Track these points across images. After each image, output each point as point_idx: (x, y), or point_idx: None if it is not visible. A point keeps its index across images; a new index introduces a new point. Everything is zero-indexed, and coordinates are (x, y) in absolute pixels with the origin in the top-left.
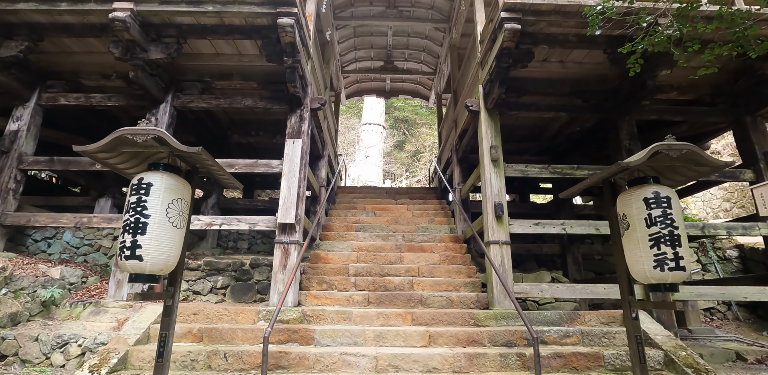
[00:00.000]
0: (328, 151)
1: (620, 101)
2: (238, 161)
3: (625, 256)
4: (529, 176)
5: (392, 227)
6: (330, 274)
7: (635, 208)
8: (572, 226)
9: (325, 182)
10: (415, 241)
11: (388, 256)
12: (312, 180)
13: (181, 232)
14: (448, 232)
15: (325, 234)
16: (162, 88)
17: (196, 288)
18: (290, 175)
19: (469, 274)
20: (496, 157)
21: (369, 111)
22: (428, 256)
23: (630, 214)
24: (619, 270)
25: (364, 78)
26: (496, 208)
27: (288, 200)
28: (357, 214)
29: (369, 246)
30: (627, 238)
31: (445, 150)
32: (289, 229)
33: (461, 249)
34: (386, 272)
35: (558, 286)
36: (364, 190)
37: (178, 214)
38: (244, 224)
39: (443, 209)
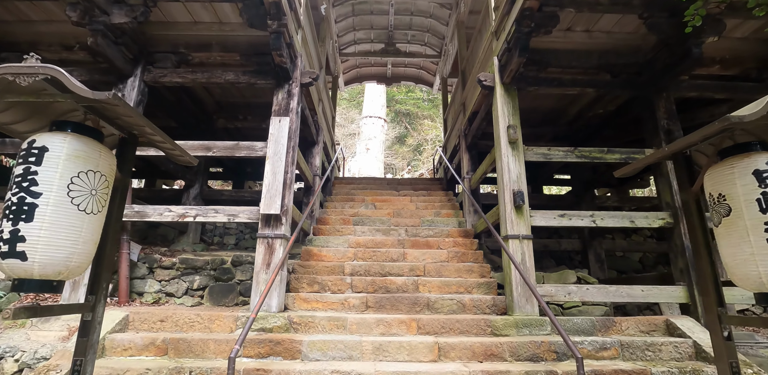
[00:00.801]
0: (324, 138)
1: (656, 75)
2: (216, 143)
3: (722, 253)
4: (552, 161)
5: (394, 220)
6: (323, 273)
7: (740, 186)
8: (603, 219)
9: (319, 171)
10: (420, 236)
11: (390, 252)
12: (304, 167)
13: (95, 219)
14: (456, 225)
15: (319, 228)
16: (129, 60)
17: (170, 289)
18: (275, 159)
19: (482, 273)
20: (514, 138)
21: (370, 103)
22: (435, 253)
23: (732, 194)
24: (702, 272)
25: (364, 62)
26: (515, 196)
27: (272, 187)
28: (355, 207)
29: (368, 241)
30: (726, 229)
31: (451, 137)
32: (274, 221)
33: (472, 245)
34: (387, 271)
35: (588, 288)
36: (363, 181)
37: (88, 193)
38: (223, 216)
39: (450, 201)
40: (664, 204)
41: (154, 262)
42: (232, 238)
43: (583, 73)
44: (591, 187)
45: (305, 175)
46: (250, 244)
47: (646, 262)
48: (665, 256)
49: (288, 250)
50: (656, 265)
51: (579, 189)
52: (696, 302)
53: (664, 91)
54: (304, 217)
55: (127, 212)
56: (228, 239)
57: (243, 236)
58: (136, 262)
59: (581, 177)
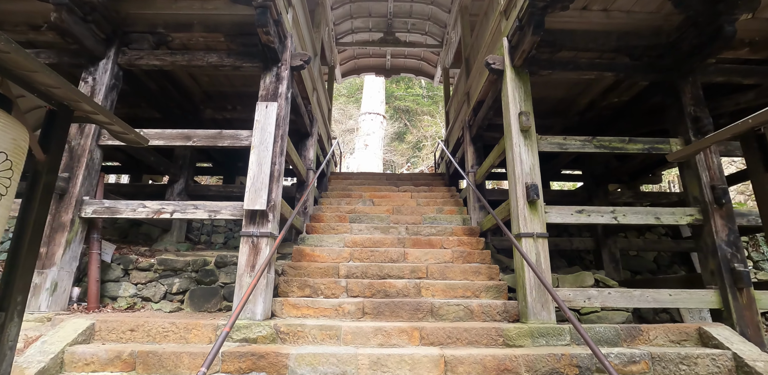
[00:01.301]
0: (319, 130)
1: (681, 58)
2: (197, 132)
3: None
4: (567, 151)
5: (394, 218)
6: (316, 275)
7: None
8: (625, 215)
9: (313, 165)
10: (422, 234)
11: (389, 252)
12: (296, 160)
13: None
14: (460, 223)
15: (312, 226)
16: (101, 41)
17: (147, 293)
18: (261, 148)
19: (491, 275)
20: (527, 125)
21: (368, 100)
22: (438, 253)
23: None
24: None
25: (362, 53)
26: (529, 190)
27: (258, 180)
28: (352, 203)
29: (365, 240)
30: None
31: (454, 130)
32: (260, 218)
33: (478, 244)
34: (386, 273)
35: (610, 292)
36: (360, 176)
37: None
38: (203, 212)
39: (453, 197)
40: (691, 199)
41: (129, 263)
42: (220, 237)
43: (600, 56)
44: (604, 182)
45: (297, 169)
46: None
47: (661, 262)
48: (681, 255)
49: (275, 250)
50: (672, 264)
51: (591, 184)
52: (730, 308)
53: (690, 75)
54: (294, 213)
55: (96, 208)
56: (216, 238)
57: (232, 235)
58: (110, 264)
59: (593, 172)
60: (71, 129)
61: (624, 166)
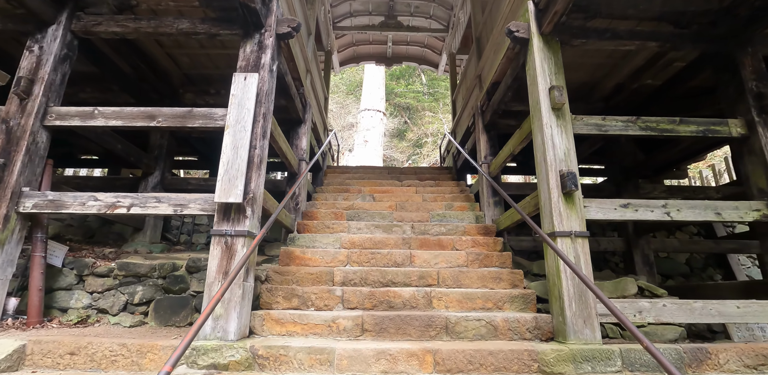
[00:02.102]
0: (314, 118)
1: (739, 25)
2: (163, 110)
3: None
4: (607, 133)
5: (397, 215)
6: (306, 282)
7: None
8: (680, 210)
9: (306, 155)
10: (430, 234)
11: (393, 255)
12: (285, 149)
13: None
14: (473, 220)
15: (304, 224)
16: (50, 3)
17: (103, 304)
18: (238, 128)
19: (514, 281)
20: (560, 102)
21: (368, 96)
22: (450, 255)
23: None
24: None
25: (362, 39)
26: (565, 180)
27: (233, 167)
28: (350, 198)
29: (365, 240)
30: None
31: (462, 119)
32: (236, 214)
33: (495, 244)
34: (390, 280)
35: (665, 304)
36: (360, 170)
37: None
38: (166, 206)
39: (463, 192)
40: (756, 191)
41: (84, 267)
42: (202, 237)
43: (638, 25)
44: (633, 175)
45: (288, 160)
46: None
47: (694, 265)
48: (716, 257)
49: (253, 252)
50: (705, 267)
51: (619, 178)
52: None
53: (749, 45)
54: (279, 207)
55: (38, 201)
56: (198, 238)
57: None
58: (61, 269)
59: (622, 164)
60: (9, 106)
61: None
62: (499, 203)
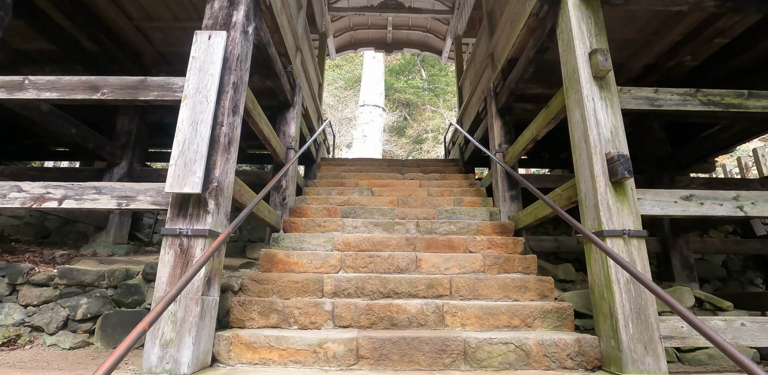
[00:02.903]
0: (305, 103)
1: None
2: (109, 80)
3: None
4: (660, 109)
5: (400, 211)
6: (289, 292)
7: None
8: (755, 203)
9: (295, 143)
10: (438, 233)
11: (395, 258)
12: (269, 134)
13: None
14: (486, 217)
15: (291, 222)
16: None
17: (39, 320)
18: (198, 98)
19: (542, 291)
20: (604, 69)
21: (367, 91)
22: (463, 259)
23: None
24: None
25: (359, 23)
26: (614, 164)
27: (190, 148)
28: (345, 193)
29: (362, 241)
30: None
31: (470, 106)
32: (195, 208)
33: (515, 245)
34: (392, 289)
35: (743, 324)
36: (357, 162)
37: None
38: (108, 199)
39: (472, 186)
40: None
41: (18, 274)
42: None
43: None
44: (666, 166)
45: (272, 147)
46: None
47: (732, 267)
48: (755, 258)
49: (212, 256)
50: (744, 270)
51: (651, 170)
52: None
53: None
54: (256, 200)
55: None
56: None
57: None
58: None
59: (653, 154)
60: None
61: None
62: (515, 198)
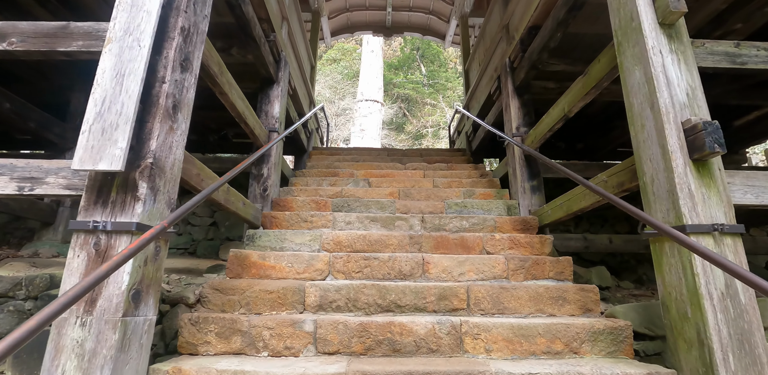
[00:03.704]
0: (293, 82)
1: None
2: (20, 25)
3: None
4: (745, 67)
5: (401, 205)
6: (260, 306)
7: None
8: None
9: (280, 126)
10: (448, 230)
11: (397, 261)
12: (244, 110)
13: None
14: (503, 212)
15: (272, 217)
16: None
17: None
18: (127, 41)
19: (585, 304)
20: (676, 12)
21: (366, 86)
22: (481, 262)
23: None
24: None
25: (356, 4)
26: (697, 135)
27: (111, 107)
28: (338, 184)
29: (356, 239)
30: None
31: (479, 89)
32: (119, 192)
33: (542, 245)
34: (393, 301)
35: None
36: (353, 152)
37: None
38: (6, 181)
39: (484, 176)
40: None
41: None
42: None
43: None
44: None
45: (249, 127)
46: (176, 241)
47: None
48: None
49: (132, 256)
50: None
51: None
52: None
53: None
54: (219, 184)
55: None
56: None
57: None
58: None
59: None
60: None
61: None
62: (537, 189)
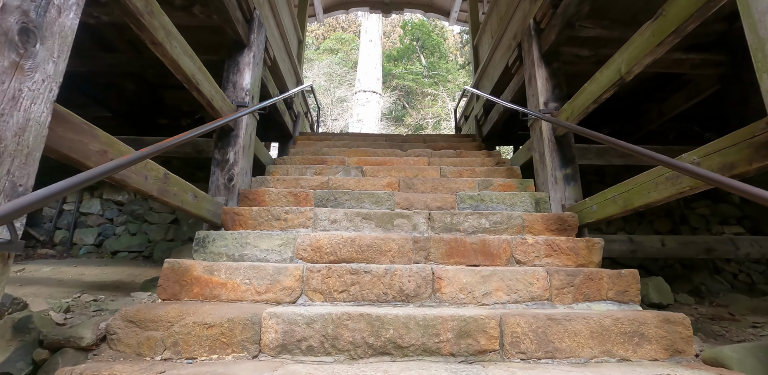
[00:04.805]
0: (271, 50)
1: None
2: None
3: None
4: None
5: (402, 198)
6: (195, 346)
7: None
8: None
9: (252, 99)
10: (462, 230)
11: (396, 276)
12: (190, 69)
13: None
14: (530, 207)
15: (236, 214)
16: None
17: None
18: None
19: (671, 341)
20: None
21: (364, 76)
22: (513, 277)
23: None
24: None
25: None
26: None
27: None
28: (325, 172)
29: (342, 244)
30: None
31: (492, 64)
32: None
33: (589, 251)
34: (390, 340)
35: None
36: (345, 137)
37: None
38: None
39: (499, 165)
40: None
41: None
42: (91, 233)
43: None
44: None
45: (204, 97)
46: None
47: None
48: None
49: None
50: None
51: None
52: None
53: None
54: (127, 160)
55: None
56: (84, 235)
57: (113, 230)
58: None
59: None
60: None
61: None
62: (572, 178)
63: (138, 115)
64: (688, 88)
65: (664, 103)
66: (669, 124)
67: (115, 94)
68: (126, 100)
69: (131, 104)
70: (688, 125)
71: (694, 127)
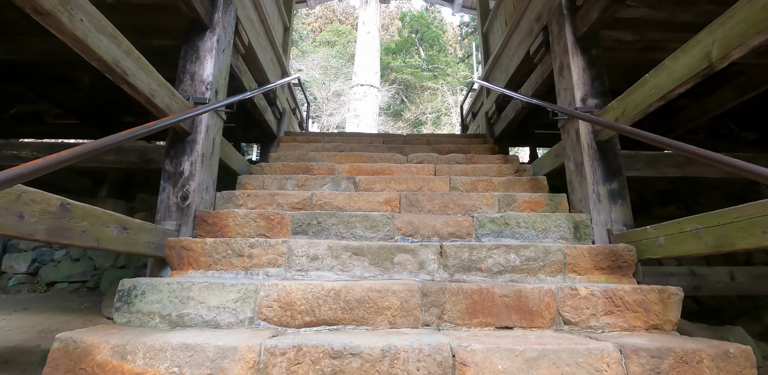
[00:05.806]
0: (244, 35)
1: None
2: None
3: None
4: None
5: (405, 222)
6: None
7: None
8: None
9: (216, 94)
10: (485, 270)
11: (399, 361)
12: (116, 56)
13: None
14: (568, 233)
15: (185, 248)
16: None
17: None
18: None
19: None
20: None
21: (362, 70)
22: (569, 358)
23: None
24: None
25: None
26: None
27: None
28: (309, 184)
29: (322, 298)
30: None
31: (506, 53)
32: None
33: (663, 305)
34: None
35: None
36: (337, 138)
37: None
38: None
39: (519, 173)
40: None
41: None
42: (22, 261)
43: None
44: None
45: (136, 89)
46: (68, 271)
47: None
48: None
49: None
50: None
51: None
52: None
53: None
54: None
55: None
56: (13, 261)
57: (52, 255)
58: None
59: None
60: None
61: None
62: (619, 195)
63: (98, 112)
64: (738, 81)
65: (707, 99)
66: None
67: (67, 88)
68: (84, 94)
69: (90, 100)
70: (721, 122)
71: (729, 124)
